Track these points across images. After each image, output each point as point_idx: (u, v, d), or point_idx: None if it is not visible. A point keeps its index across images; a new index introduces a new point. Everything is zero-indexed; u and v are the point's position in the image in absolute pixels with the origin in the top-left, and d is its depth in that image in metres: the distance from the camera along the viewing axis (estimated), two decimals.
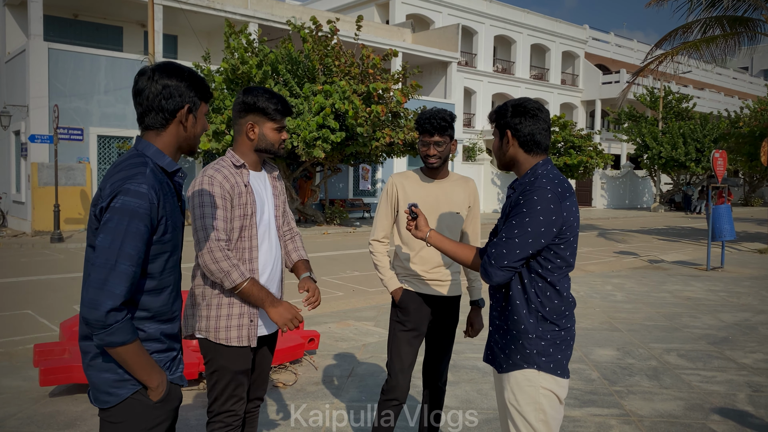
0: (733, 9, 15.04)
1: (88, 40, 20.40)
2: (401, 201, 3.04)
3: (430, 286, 3.07)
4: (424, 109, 3.05)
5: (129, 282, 1.74)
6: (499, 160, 2.37)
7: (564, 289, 2.25)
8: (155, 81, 1.90)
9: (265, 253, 2.64)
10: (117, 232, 1.73)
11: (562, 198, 2.15)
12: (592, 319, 7.09)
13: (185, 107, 1.92)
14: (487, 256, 2.19)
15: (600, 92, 38.05)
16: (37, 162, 16.55)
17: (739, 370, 5.22)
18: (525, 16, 35.41)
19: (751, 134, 27.15)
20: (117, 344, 1.74)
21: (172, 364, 1.97)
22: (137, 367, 1.80)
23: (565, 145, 27.52)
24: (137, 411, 1.86)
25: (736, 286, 9.51)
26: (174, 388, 1.95)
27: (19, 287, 9.11)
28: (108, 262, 1.72)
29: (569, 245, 2.21)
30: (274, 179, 2.76)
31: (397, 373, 3.05)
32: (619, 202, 36.91)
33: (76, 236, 15.58)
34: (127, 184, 1.76)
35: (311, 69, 16.95)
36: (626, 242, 16.71)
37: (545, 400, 2.19)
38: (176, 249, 1.93)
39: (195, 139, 1.99)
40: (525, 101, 2.30)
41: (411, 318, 3.05)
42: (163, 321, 1.92)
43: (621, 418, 4.12)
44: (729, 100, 46.12)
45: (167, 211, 1.85)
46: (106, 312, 1.70)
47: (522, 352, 2.21)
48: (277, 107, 2.58)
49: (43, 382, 4.24)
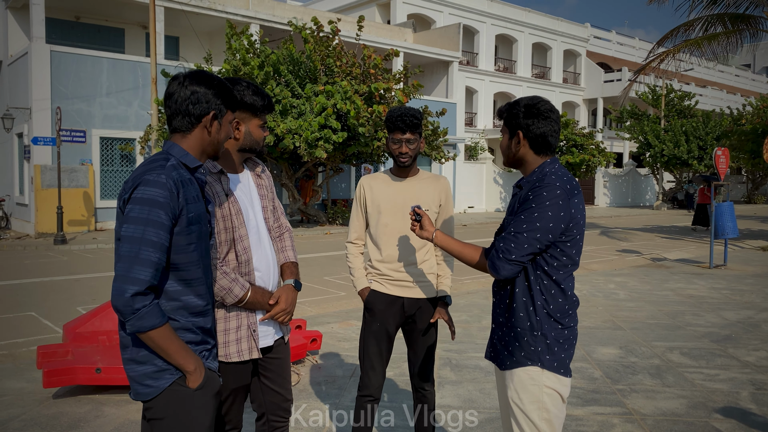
0: (734, 6, 15.01)
1: (89, 42, 20.44)
2: (369, 202, 3.07)
3: (398, 287, 3.04)
4: (394, 108, 3.00)
5: (153, 268, 1.81)
6: (507, 157, 2.38)
7: (568, 288, 2.26)
8: (185, 86, 2.00)
9: (261, 260, 2.48)
10: (139, 221, 1.82)
11: (570, 195, 2.18)
12: (594, 317, 7.08)
13: (211, 113, 2.02)
14: (495, 250, 2.20)
15: (602, 90, 37.98)
16: (39, 164, 16.59)
17: (743, 368, 5.21)
18: (526, 15, 35.37)
19: (754, 131, 27.10)
20: (147, 328, 1.80)
21: (208, 355, 2.04)
22: (171, 350, 1.86)
23: (568, 143, 27.48)
24: (179, 400, 1.91)
25: (739, 284, 9.49)
26: (212, 374, 2.00)
27: (22, 289, 9.14)
28: (132, 250, 1.80)
29: (575, 243, 2.23)
30: (257, 176, 2.58)
31: (367, 370, 3.06)
32: (621, 201, 36.85)
33: (79, 238, 15.62)
34: (146, 176, 1.86)
35: (313, 69, 16.97)
36: (629, 240, 16.69)
37: (548, 399, 2.20)
38: (201, 240, 1.98)
39: (219, 144, 2.08)
40: (538, 102, 2.28)
41: (377, 318, 3.05)
42: (195, 314, 1.97)
43: (624, 416, 4.11)
44: (731, 97, 46.01)
45: (189, 203, 1.92)
46: (131, 296, 1.77)
47: (526, 350, 2.21)
48: (264, 103, 2.45)
49: (46, 383, 4.25)
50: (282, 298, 2.47)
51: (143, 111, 18.25)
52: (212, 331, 2.07)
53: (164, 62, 18.49)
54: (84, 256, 13.02)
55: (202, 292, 1.99)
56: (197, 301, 1.97)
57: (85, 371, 4.32)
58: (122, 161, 18.38)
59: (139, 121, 18.29)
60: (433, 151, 18.97)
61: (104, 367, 4.32)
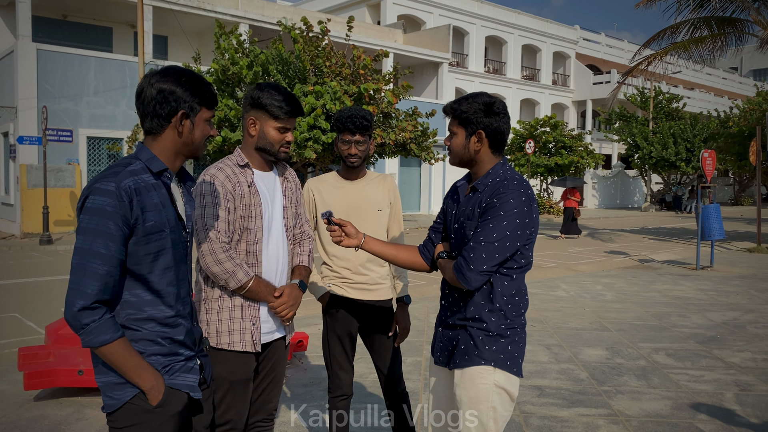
0: (721, 10, 15.14)
1: (77, 40, 20.28)
2: (319, 205, 3.02)
3: (356, 290, 3.01)
4: (344, 109, 2.97)
5: (101, 281, 1.73)
6: (460, 157, 2.30)
7: (524, 286, 2.27)
8: (152, 85, 1.88)
9: (271, 256, 2.51)
10: (87, 231, 1.74)
11: (532, 200, 2.19)
12: (581, 318, 7.09)
13: (179, 113, 1.89)
14: (464, 260, 2.14)
15: (591, 92, 38.18)
16: (25, 164, 16.43)
17: (727, 369, 5.23)
18: (516, 16, 35.49)
19: (741, 134, 27.36)
20: (96, 344, 1.73)
21: (174, 368, 1.91)
22: (126, 367, 1.78)
23: (556, 145, 27.60)
24: (138, 415, 1.83)
25: (726, 285, 9.55)
26: (173, 393, 1.88)
27: (6, 290, 9.04)
28: (81, 262, 1.74)
29: (532, 245, 2.25)
30: (285, 179, 2.63)
31: (337, 371, 3.04)
32: (610, 202, 37.05)
33: (65, 238, 15.47)
34: (96, 184, 1.77)
35: (302, 70, 16.92)
36: (616, 242, 16.77)
37: (497, 397, 2.20)
38: (165, 251, 1.86)
39: (194, 144, 1.95)
40: (492, 100, 2.28)
41: (339, 323, 3.02)
42: (162, 324, 1.88)
43: (609, 418, 4.12)
44: (719, 100, 46.40)
45: (147, 211, 1.80)
46: (78, 311, 1.71)
47: (480, 349, 2.19)
48: (280, 105, 2.42)
49: (27, 385, 4.20)
50: (286, 292, 2.49)
51: (131, 110, 18.12)
52: (186, 342, 1.95)
53: (152, 61, 18.37)
54: (69, 257, 12.87)
55: (171, 303, 1.89)
56: (166, 311, 1.88)
57: (66, 373, 4.26)
58: (109, 161, 18.24)
59: (126, 121, 18.16)
60: (422, 152, 18.97)
61: (86, 369, 4.27)
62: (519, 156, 27.13)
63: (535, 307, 7.74)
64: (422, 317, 7.05)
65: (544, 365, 5.29)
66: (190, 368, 1.96)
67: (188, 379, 1.94)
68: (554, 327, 6.69)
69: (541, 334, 6.38)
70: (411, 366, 5.18)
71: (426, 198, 27.65)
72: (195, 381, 1.96)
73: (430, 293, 8.44)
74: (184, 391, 1.92)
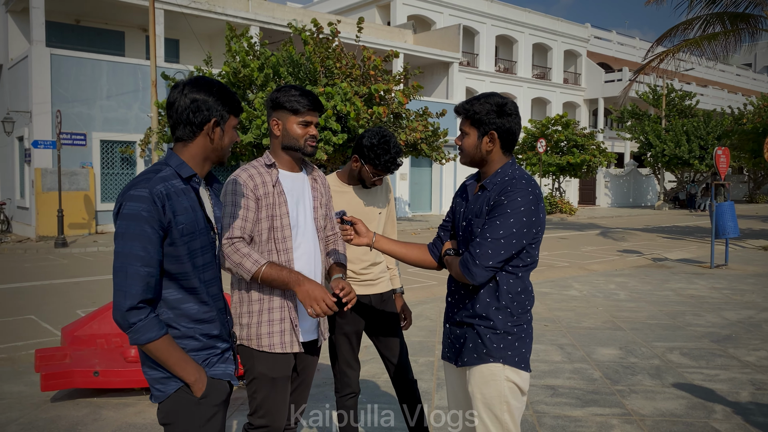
0: (733, 5, 14.99)
1: (89, 45, 20.46)
2: None
3: (363, 286, 3.10)
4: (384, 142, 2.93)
5: (143, 282, 1.85)
6: (472, 157, 2.34)
7: (529, 284, 2.32)
8: (185, 95, 1.99)
9: (303, 255, 2.52)
10: (125, 236, 1.86)
11: (539, 199, 2.23)
12: (595, 318, 7.06)
13: (212, 121, 2.01)
14: (470, 256, 2.19)
15: (603, 90, 37.95)
16: (40, 167, 16.60)
17: (743, 368, 5.19)
18: (526, 15, 35.35)
19: (755, 131, 27.03)
20: (144, 341, 1.86)
21: (212, 361, 2.04)
22: (171, 362, 1.91)
23: (568, 144, 27.44)
24: (184, 406, 1.96)
25: (740, 284, 9.47)
26: (216, 383, 2.01)
27: (22, 292, 9.14)
28: (122, 265, 1.86)
29: (538, 244, 2.29)
30: (314, 180, 2.65)
31: (345, 369, 3.10)
32: (623, 201, 36.80)
33: (80, 241, 15.62)
34: (130, 191, 1.88)
35: (313, 71, 16.96)
36: (629, 240, 16.66)
37: (510, 393, 2.25)
38: (196, 251, 1.97)
39: (222, 150, 2.07)
40: (505, 100, 2.32)
41: (349, 321, 3.09)
42: (197, 321, 1.99)
43: (623, 417, 4.10)
44: (732, 96, 45.95)
45: (178, 214, 1.92)
46: (126, 311, 1.84)
47: (488, 347, 2.24)
48: (297, 99, 2.47)
49: (44, 387, 4.25)
50: (344, 284, 2.43)
51: (143, 114, 18.26)
52: (222, 335, 2.07)
53: (164, 65, 18.49)
54: (84, 259, 13.03)
55: (205, 299, 2.01)
56: (200, 308, 1.99)
57: (83, 374, 4.31)
58: (123, 164, 18.39)
59: (139, 124, 18.30)
60: (433, 152, 18.95)
61: (102, 370, 4.32)
62: (531, 155, 27.01)
63: (548, 306, 7.71)
64: (435, 317, 7.05)
65: (557, 365, 5.27)
66: (226, 359, 2.10)
67: (227, 368, 2.08)
68: (567, 326, 6.66)
69: (554, 333, 6.35)
70: (423, 366, 5.18)
71: (437, 198, 27.61)
72: (233, 370, 2.10)
73: (442, 293, 8.43)
74: (224, 380, 2.06)
